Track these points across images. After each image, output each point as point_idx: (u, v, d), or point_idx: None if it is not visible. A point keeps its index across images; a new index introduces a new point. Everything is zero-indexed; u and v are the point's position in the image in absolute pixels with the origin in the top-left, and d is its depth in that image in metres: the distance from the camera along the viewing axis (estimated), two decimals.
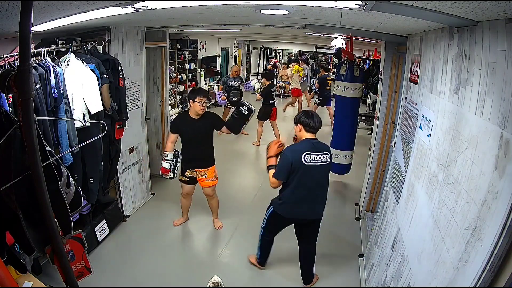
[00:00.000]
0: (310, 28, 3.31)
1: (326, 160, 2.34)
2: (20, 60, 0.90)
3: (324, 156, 2.33)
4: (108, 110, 2.85)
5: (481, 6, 1.09)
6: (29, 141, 0.94)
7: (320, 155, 2.31)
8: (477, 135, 1.26)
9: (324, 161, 2.33)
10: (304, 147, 2.31)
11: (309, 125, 2.32)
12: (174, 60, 6.91)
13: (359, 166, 4.78)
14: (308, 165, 2.29)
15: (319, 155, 2.31)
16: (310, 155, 2.29)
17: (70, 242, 1.28)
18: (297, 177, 2.32)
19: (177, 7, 2.03)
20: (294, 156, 2.29)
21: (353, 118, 4.37)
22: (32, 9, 0.85)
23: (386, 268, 2.13)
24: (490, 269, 1.04)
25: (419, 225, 1.72)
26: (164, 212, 3.78)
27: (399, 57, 3.28)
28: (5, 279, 1.32)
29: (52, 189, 1.07)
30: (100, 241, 3.07)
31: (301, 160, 2.27)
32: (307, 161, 2.28)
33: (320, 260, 3.07)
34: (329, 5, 1.67)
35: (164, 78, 4.36)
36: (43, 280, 2.03)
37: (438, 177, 1.58)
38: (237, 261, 2.98)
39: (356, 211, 3.97)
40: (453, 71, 1.58)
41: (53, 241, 1.07)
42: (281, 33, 6.89)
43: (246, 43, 12.70)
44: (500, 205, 1.03)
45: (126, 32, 3.30)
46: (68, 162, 2.50)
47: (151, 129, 4.48)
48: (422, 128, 1.97)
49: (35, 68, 2.18)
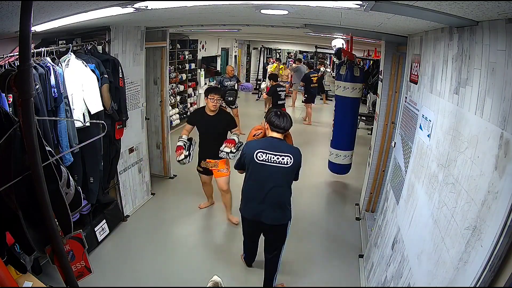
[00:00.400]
0: (310, 28, 3.31)
1: (285, 163, 2.22)
2: (20, 60, 0.90)
3: (284, 158, 2.22)
4: (108, 110, 2.85)
5: (481, 6, 1.09)
6: (29, 141, 0.94)
7: (277, 155, 2.22)
8: (477, 135, 1.26)
9: (283, 163, 2.22)
10: (260, 145, 2.27)
11: (274, 124, 2.28)
12: (174, 60, 6.90)
13: (359, 166, 4.79)
14: (260, 163, 2.24)
15: (276, 155, 2.22)
16: (264, 153, 2.23)
17: (70, 242, 1.28)
18: (248, 172, 2.32)
19: (177, 7, 2.03)
20: (247, 151, 2.29)
21: (353, 118, 4.37)
22: (32, 9, 0.85)
23: (386, 268, 2.13)
24: (490, 269, 1.04)
25: (419, 225, 1.72)
26: (164, 212, 3.78)
27: (399, 57, 3.28)
28: (5, 279, 1.32)
29: (52, 189, 1.07)
30: (100, 241, 3.07)
31: (253, 156, 2.24)
32: (259, 159, 2.23)
33: (320, 260, 3.08)
34: (329, 5, 1.67)
35: (164, 78, 4.36)
36: (43, 280, 2.03)
37: (438, 177, 1.58)
38: (237, 261, 2.98)
39: (356, 211, 3.97)
40: (453, 71, 1.58)
41: (53, 241, 1.07)
42: (281, 33, 6.89)
43: (246, 43, 12.71)
44: (500, 205, 1.03)
45: (126, 32, 3.30)
46: (68, 162, 2.50)
47: (151, 129, 4.48)
48: (422, 128, 1.97)
49: (35, 68, 2.18)
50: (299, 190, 4.39)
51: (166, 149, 4.54)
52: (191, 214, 3.74)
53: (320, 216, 3.95)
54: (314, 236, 3.47)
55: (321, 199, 4.39)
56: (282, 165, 2.23)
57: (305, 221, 3.73)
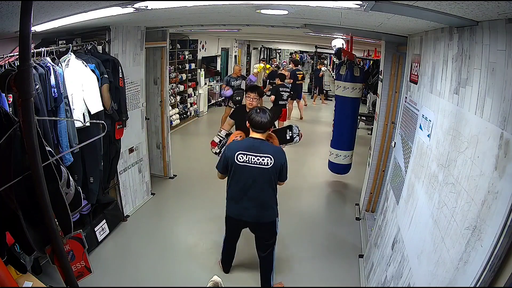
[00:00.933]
0: (310, 28, 3.31)
1: (266, 164, 2.22)
2: (20, 60, 0.90)
3: (264, 159, 2.21)
4: (108, 110, 2.85)
5: (481, 6, 1.09)
6: (29, 141, 0.94)
7: (258, 156, 2.22)
8: (477, 135, 1.25)
9: (263, 164, 2.22)
10: (240, 146, 2.27)
11: (252, 122, 2.27)
12: (174, 60, 6.90)
13: (359, 166, 4.79)
14: (241, 165, 2.24)
15: (256, 156, 2.22)
16: (244, 155, 2.23)
17: (70, 242, 1.28)
18: (231, 174, 2.31)
19: (177, 7, 2.03)
20: (229, 153, 2.28)
21: (353, 118, 4.38)
22: (32, 9, 0.84)
23: (386, 268, 2.13)
24: (490, 269, 1.04)
25: (419, 225, 1.72)
26: (164, 212, 3.78)
27: (399, 57, 3.28)
28: (5, 279, 1.32)
29: (52, 189, 1.07)
30: (100, 241, 3.07)
31: (234, 158, 2.25)
32: (240, 160, 2.24)
33: (320, 260, 3.08)
34: (329, 5, 1.67)
35: (164, 78, 4.36)
36: (43, 280, 2.03)
37: (438, 177, 1.58)
38: (237, 261, 2.98)
39: (356, 211, 3.97)
40: (453, 71, 1.58)
41: (53, 241, 1.07)
42: (281, 33, 6.89)
43: (246, 43, 12.70)
44: (500, 205, 1.03)
45: (126, 32, 3.30)
46: (68, 162, 2.50)
47: (151, 129, 4.48)
48: (422, 128, 1.97)
49: (35, 68, 2.18)
50: (299, 190, 4.40)
51: (166, 149, 4.54)
52: (191, 214, 3.74)
53: (320, 216, 3.95)
54: (314, 236, 3.47)
55: (321, 199, 4.39)
56: (262, 166, 2.23)
57: (305, 221, 3.73)
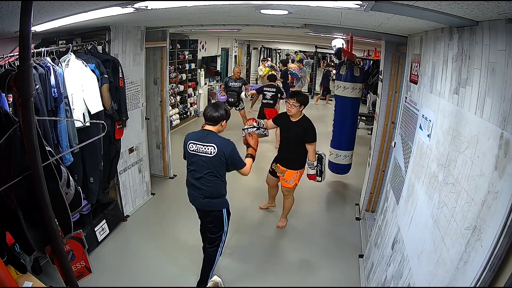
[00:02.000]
0: (310, 28, 3.31)
1: (210, 152, 2.32)
2: (20, 60, 0.90)
3: (208, 147, 2.32)
4: (108, 110, 2.85)
5: (481, 6, 1.09)
6: (29, 141, 0.94)
7: (204, 145, 2.34)
8: (477, 135, 1.26)
9: (208, 152, 2.32)
10: (193, 136, 2.40)
11: (204, 115, 2.40)
12: (174, 60, 6.90)
13: (359, 166, 4.79)
14: (192, 153, 2.37)
15: (203, 145, 2.34)
16: (194, 144, 2.36)
17: (70, 242, 1.28)
18: (187, 162, 2.45)
19: (177, 7, 2.03)
20: (185, 142, 2.41)
21: (353, 118, 4.37)
22: (32, 9, 0.84)
23: (386, 268, 2.13)
24: (490, 269, 1.04)
25: (419, 225, 1.72)
26: (164, 212, 3.78)
27: (399, 57, 3.28)
28: (5, 279, 1.32)
29: (52, 189, 1.07)
30: (100, 241, 3.07)
31: (187, 147, 2.39)
32: (191, 149, 2.37)
33: (320, 260, 3.08)
34: (329, 5, 1.67)
35: (164, 78, 4.36)
36: (43, 280, 2.04)
37: (438, 177, 1.58)
38: (237, 261, 2.98)
39: (356, 211, 3.97)
40: (453, 71, 1.58)
41: (53, 241, 1.07)
42: (281, 33, 6.89)
43: (246, 43, 12.69)
44: (500, 205, 1.03)
45: (126, 32, 3.30)
46: (68, 162, 2.50)
47: (151, 129, 4.48)
48: (422, 128, 1.97)
49: (35, 68, 2.18)
50: (299, 190, 4.39)
51: (166, 149, 4.54)
52: (191, 214, 3.72)
53: (320, 216, 3.94)
54: (314, 236, 3.47)
55: (321, 199, 4.39)
56: (207, 155, 2.33)
57: (305, 221, 3.73)
